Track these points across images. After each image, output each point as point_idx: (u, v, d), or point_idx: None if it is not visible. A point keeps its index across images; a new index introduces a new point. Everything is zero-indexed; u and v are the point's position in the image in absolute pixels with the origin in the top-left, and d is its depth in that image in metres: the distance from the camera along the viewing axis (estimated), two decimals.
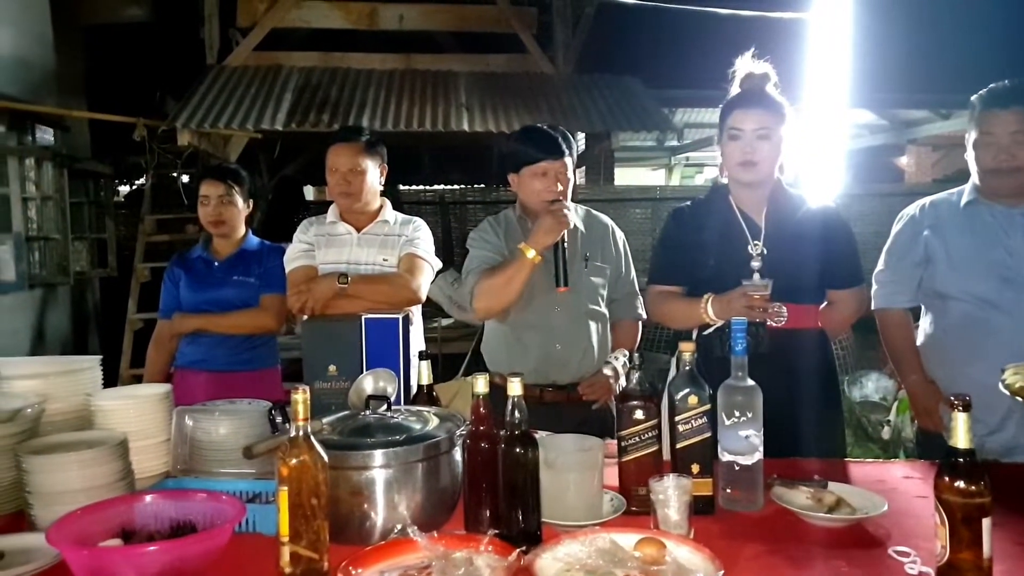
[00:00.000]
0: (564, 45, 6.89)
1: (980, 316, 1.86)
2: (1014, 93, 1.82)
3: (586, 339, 2.09)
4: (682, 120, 11.35)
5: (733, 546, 1.26)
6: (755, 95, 1.88)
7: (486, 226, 2.17)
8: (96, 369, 1.72)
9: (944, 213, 1.97)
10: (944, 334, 1.96)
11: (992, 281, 1.85)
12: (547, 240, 1.95)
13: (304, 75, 6.43)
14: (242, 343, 2.57)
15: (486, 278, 2.00)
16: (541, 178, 2.02)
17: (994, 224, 1.89)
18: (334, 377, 1.82)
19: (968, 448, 1.10)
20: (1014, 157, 1.81)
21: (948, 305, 1.93)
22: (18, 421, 1.47)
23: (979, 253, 1.88)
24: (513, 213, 2.18)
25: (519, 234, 2.11)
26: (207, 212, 2.57)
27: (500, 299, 1.99)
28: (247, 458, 1.36)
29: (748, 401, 1.42)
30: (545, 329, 2.07)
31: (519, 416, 1.26)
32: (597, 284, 2.14)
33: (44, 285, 5.96)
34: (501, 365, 2.08)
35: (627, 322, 2.23)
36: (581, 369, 2.09)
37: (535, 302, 2.05)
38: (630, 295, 2.24)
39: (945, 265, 1.92)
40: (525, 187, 2.06)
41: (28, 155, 5.78)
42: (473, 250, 2.13)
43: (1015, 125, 1.80)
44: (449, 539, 1.17)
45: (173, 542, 1.18)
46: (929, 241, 1.95)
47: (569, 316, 2.08)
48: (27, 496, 1.35)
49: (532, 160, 2.02)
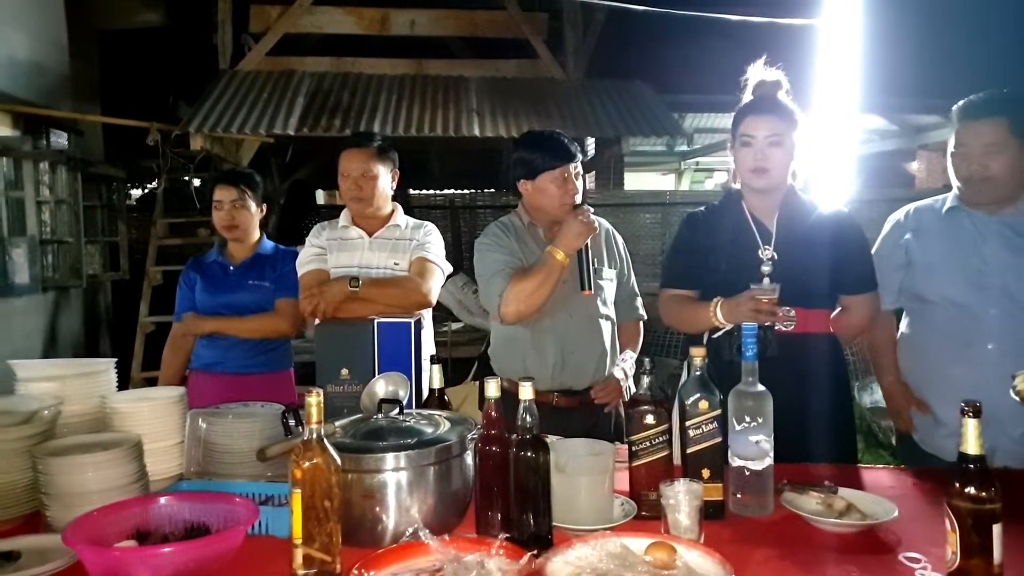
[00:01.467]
0: (575, 50, 6.91)
1: (954, 320, 1.89)
2: (987, 105, 1.85)
3: (600, 343, 2.10)
4: (692, 125, 11.34)
5: (743, 551, 1.26)
6: (767, 102, 1.89)
7: (498, 231, 2.14)
8: (111, 371, 1.74)
9: (926, 219, 2.00)
10: (921, 337, 1.99)
11: (965, 286, 1.88)
12: (577, 244, 1.97)
13: (316, 80, 6.48)
14: (256, 346, 2.59)
15: (516, 282, 1.98)
16: (560, 183, 2.04)
17: (972, 231, 1.91)
18: (346, 380, 1.83)
19: (978, 454, 1.10)
20: (986, 168, 1.83)
21: (926, 308, 1.97)
22: (34, 423, 1.49)
23: (955, 258, 1.91)
24: (519, 219, 2.17)
25: (530, 240, 2.12)
26: (220, 216, 2.59)
27: (531, 303, 1.98)
28: (260, 460, 1.37)
29: (759, 406, 1.43)
30: (562, 334, 2.07)
31: (530, 420, 1.27)
32: (607, 287, 2.15)
33: (57, 288, 6.01)
34: (515, 371, 2.05)
35: (631, 324, 2.26)
36: (596, 374, 2.10)
37: (553, 307, 2.04)
38: (632, 296, 2.27)
39: (923, 269, 1.96)
40: (542, 193, 2.06)
41: (42, 159, 5.83)
42: (488, 253, 2.10)
43: (988, 137, 1.82)
44: (461, 542, 1.18)
45: (187, 544, 1.19)
46: (910, 245, 1.99)
47: (585, 320, 2.09)
48: (43, 497, 1.37)
49: (550, 166, 2.03)
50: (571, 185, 2.04)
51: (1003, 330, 1.83)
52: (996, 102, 1.85)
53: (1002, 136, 1.81)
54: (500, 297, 2.00)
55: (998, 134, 1.81)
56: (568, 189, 2.03)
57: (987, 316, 1.85)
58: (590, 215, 1.99)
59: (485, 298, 2.11)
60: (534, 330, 2.07)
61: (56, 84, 6.07)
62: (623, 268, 2.23)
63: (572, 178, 2.04)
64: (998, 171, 1.82)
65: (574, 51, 6.90)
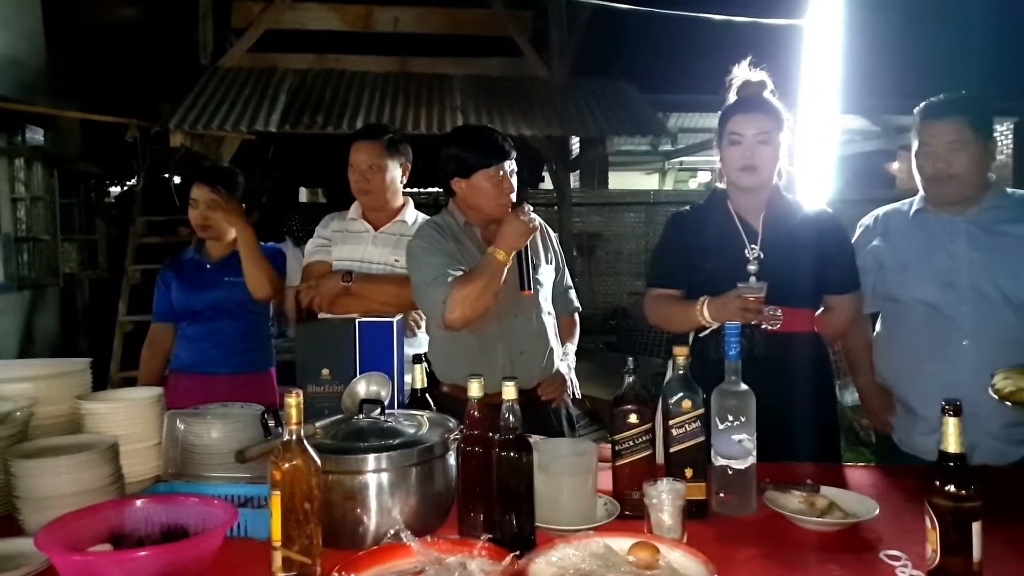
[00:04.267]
0: (559, 49, 6.90)
1: (928, 319, 1.92)
2: (948, 106, 1.90)
3: (546, 340, 2.09)
4: (676, 125, 11.40)
5: (726, 550, 1.26)
6: (754, 100, 1.90)
7: (433, 232, 2.05)
8: (87, 372, 1.71)
9: (894, 222, 2.04)
10: (896, 337, 2.02)
11: (936, 285, 1.91)
12: (518, 244, 1.93)
13: (298, 77, 6.42)
14: (236, 345, 2.56)
15: (460, 287, 1.90)
16: (497, 182, 1.99)
17: (940, 231, 1.94)
18: (327, 381, 1.81)
19: (958, 452, 1.10)
20: (950, 165, 1.87)
21: (898, 308, 2.00)
22: (7, 424, 1.46)
23: (925, 258, 1.94)
24: (452, 219, 2.09)
25: (467, 241, 2.05)
26: (195, 216, 2.55)
27: (477, 307, 1.91)
28: (239, 462, 1.35)
29: (742, 405, 1.43)
30: (508, 335, 2.02)
31: (513, 420, 1.26)
32: (546, 283, 2.13)
33: (33, 287, 5.92)
34: (459, 374, 1.93)
35: (566, 317, 2.25)
36: (544, 372, 2.08)
37: (497, 309, 1.98)
38: (567, 289, 2.26)
39: (894, 270, 1.99)
40: (477, 191, 2.00)
41: (18, 155, 5.75)
42: (425, 257, 2.00)
43: (950, 135, 1.86)
44: (443, 544, 1.16)
45: (164, 547, 1.17)
46: (879, 249, 2.02)
47: (530, 320, 2.06)
48: (16, 500, 1.34)
49: (486, 164, 1.98)
50: (507, 184, 2.00)
51: (976, 326, 1.86)
52: (956, 102, 1.90)
53: (964, 135, 1.85)
54: (444, 304, 1.91)
55: (960, 132, 1.85)
56: (504, 188, 1.99)
57: (959, 314, 1.88)
58: (531, 213, 1.95)
59: (424, 304, 2.02)
60: (479, 333, 1.99)
61: (32, 79, 5.98)
62: (558, 262, 2.21)
63: (508, 176, 2.00)
64: (961, 169, 1.86)
65: (559, 50, 6.90)
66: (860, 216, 2.14)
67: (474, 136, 2.08)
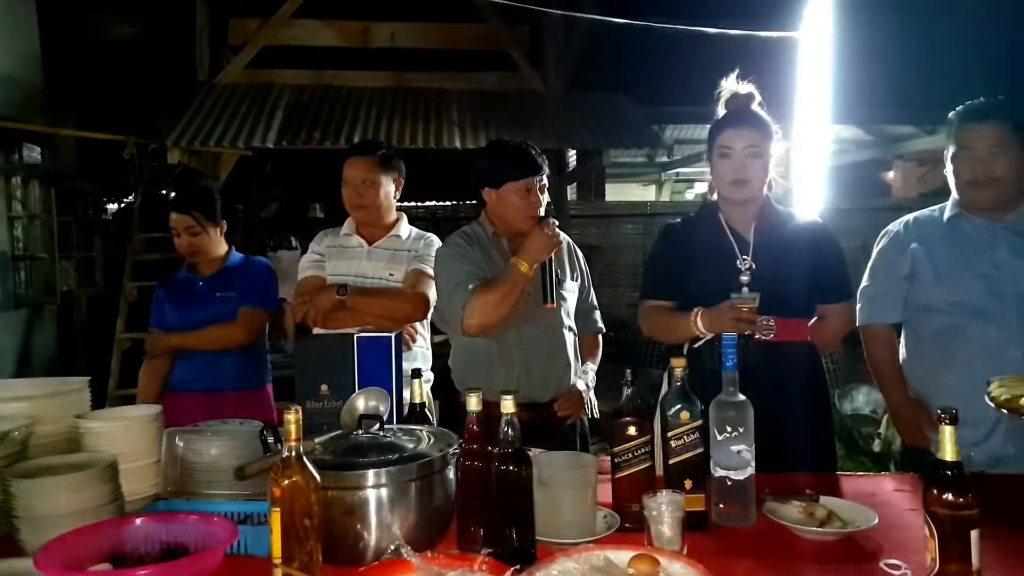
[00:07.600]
0: (555, 63, 6.95)
1: (962, 325, 1.89)
2: (990, 109, 1.89)
3: (564, 355, 2.10)
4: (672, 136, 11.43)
5: (726, 562, 1.26)
6: (744, 114, 1.92)
7: (461, 241, 2.11)
8: (85, 390, 1.71)
9: (928, 228, 2.00)
10: (924, 346, 1.98)
11: (978, 291, 1.88)
12: (541, 256, 1.97)
13: (296, 93, 6.46)
14: (234, 362, 2.56)
15: (480, 294, 1.97)
16: (525, 195, 2.03)
17: (978, 238, 1.92)
18: (326, 396, 1.81)
19: (955, 460, 1.11)
20: (991, 169, 1.86)
21: (931, 318, 1.96)
22: (5, 444, 1.45)
23: (965, 265, 1.91)
24: (482, 229, 2.15)
25: (494, 251, 2.10)
26: (179, 244, 2.61)
27: (495, 315, 1.97)
28: (239, 479, 1.35)
29: (740, 416, 1.43)
30: (526, 346, 2.06)
31: (512, 434, 1.26)
32: (570, 299, 2.16)
33: (30, 305, 5.91)
34: (477, 383, 1.98)
35: (590, 337, 2.27)
36: (560, 386, 2.10)
37: (517, 319, 2.03)
38: (591, 309, 2.28)
39: (931, 278, 1.95)
40: (505, 203, 2.06)
41: (15, 173, 5.76)
42: (451, 264, 2.07)
43: (991, 139, 1.85)
44: (443, 559, 1.16)
45: (164, 565, 1.17)
46: (916, 255, 1.97)
47: (549, 332, 2.08)
48: (15, 520, 1.33)
49: (516, 177, 2.03)
50: (535, 197, 2.04)
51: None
52: (996, 107, 1.90)
53: (1005, 138, 1.84)
54: (463, 309, 1.98)
55: (1001, 136, 1.84)
56: (532, 201, 2.03)
57: (1008, 322, 1.84)
58: (556, 228, 1.99)
59: (447, 309, 2.09)
60: (498, 342, 2.05)
61: (30, 97, 6.00)
62: (584, 281, 2.24)
63: (536, 191, 2.04)
64: (1002, 173, 1.85)
65: (555, 64, 6.94)
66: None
67: (508, 149, 2.13)
